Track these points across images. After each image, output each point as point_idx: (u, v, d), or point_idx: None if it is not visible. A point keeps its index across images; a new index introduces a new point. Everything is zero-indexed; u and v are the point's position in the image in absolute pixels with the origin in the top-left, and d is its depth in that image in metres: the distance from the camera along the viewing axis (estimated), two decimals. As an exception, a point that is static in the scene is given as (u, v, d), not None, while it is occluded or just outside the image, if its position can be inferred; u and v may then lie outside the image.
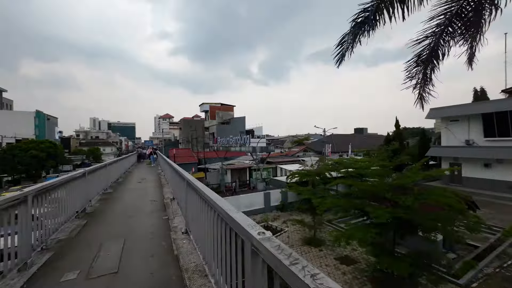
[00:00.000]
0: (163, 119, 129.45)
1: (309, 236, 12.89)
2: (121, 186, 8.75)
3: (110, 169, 8.47)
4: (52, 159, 38.18)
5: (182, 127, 54.34)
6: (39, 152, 35.14)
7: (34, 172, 35.73)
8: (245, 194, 17.09)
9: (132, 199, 6.63)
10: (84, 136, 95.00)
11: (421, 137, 28.72)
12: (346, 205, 8.24)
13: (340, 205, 8.42)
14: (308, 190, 12.51)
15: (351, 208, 8.29)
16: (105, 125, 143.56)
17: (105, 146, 79.83)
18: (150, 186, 8.74)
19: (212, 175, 32.66)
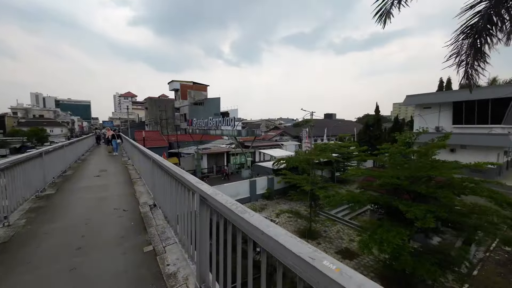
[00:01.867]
0: (125, 98, 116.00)
1: (304, 227, 11.94)
2: (69, 184, 6.15)
3: (49, 158, 5.77)
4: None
5: (148, 107, 48.52)
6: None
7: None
8: (230, 183, 15.33)
9: (85, 208, 4.31)
10: (24, 115, 79.58)
11: (394, 123, 29.96)
12: (365, 199, 7.11)
13: (359, 199, 7.25)
14: (304, 178, 11.28)
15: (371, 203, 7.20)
16: (52, 102, 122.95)
17: (53, 127, 68.20)
18: (113, 182, 6.31)
19: (186, 160, 29.82)
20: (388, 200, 6.85)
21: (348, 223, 12.42)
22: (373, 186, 8.30)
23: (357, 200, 7.30)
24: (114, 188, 5.63)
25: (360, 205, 7.50)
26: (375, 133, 24.02)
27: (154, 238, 3.05)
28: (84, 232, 3.24)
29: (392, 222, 6.56)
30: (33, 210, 4.08)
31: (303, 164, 13.80)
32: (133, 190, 5.43)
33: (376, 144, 25.74)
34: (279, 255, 0.95)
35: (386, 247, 5.76)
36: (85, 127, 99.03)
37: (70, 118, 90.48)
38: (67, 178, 6.67)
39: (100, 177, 6.88)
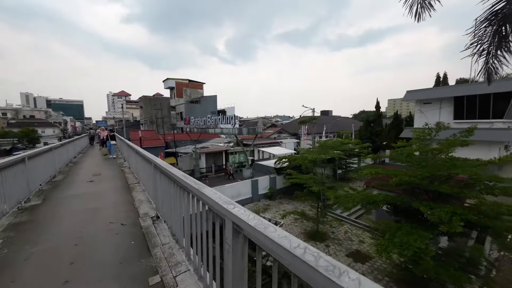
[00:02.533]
0: (118, 97, 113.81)
1: (311, 229, 11.48)
2: (58, 191, 5.49)
3: (34, 164, 5.10)
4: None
5: (143, 106, 47.33)
6: None
7: None
8: (231, 184, 14.74)
9: (75, 222, 3.69)
10: (14, 115, 77.08)
11: (394, 119, 29.73)
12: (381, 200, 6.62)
13: (375, 200, 6.76)
14: (310, 178, 10.78)
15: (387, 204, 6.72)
16: (43, 102, 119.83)
17: (45, 127, 66.29)
18: (109, 188, 5.67)
19: (184, 160, 29.09)
20: (407, 200, 6.39)
21: (355, 223, 12.01)
22: (387, 186, 7.83)
23: (372, 201, 6.83)
24: (110, 196, 5.00)
25: (375, 207, 7.04)
26: (376, 129, 23.68)
27: (160, 264, 2.48)
28: (73, 257, 2.63)
29: (411, 224, 6.11)
30: (13, 227, 3.45)
31: (307, 162, 13.29)
32: (131, 198, 4.82)
33: (378, 141, 25.51)
34: None
35: (407, 251, 5.30)
36: (78, 127, 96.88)
37: (63, 118, 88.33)
38: (56, 185, 5.99)
39: (94, 182, 6.22)
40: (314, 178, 10.78)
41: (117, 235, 3.17)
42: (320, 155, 11.25)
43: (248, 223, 1.27)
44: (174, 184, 2.76)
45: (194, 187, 1.98)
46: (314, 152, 11.51)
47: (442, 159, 6.95)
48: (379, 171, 7.25)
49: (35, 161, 5.25)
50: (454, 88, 24.21)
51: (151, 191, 4.29)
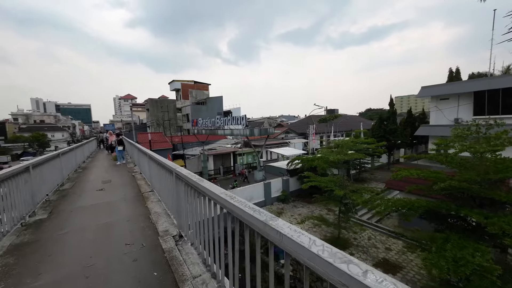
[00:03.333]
0: (125, 100, 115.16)
1: (331, 235, 10.78)
2: (65, 203, 4.99)
3: (39, 172, 4.63)
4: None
5: (149, 108, 47.41)
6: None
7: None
8: (244, 187, 14.16)
9: (85, 243, 3.15)
10: (25, 120, 78.83)
11: (407, 117, 28.61)
12: (422, 207, 5.87)
13: (414, 206, 6.02)
14: (331, 180, 10.09)
15: (430, 211, 5.98)
16: (52, 107, 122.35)
17: (54, 132, 67.43)
18: (120, 198, 5.15)
19: (191, 162, 28.73)
20: (454, 208, 5.64)
21: (378, 229, 11.24)
22: (423, 190, 7.01)
23: (410, 207, 6.08)
24: (122, 208, 4.47)
25: (413, 214, 6.28)
26: (390, 127, 22.69)
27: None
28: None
29: (459, 235, 5.36)
30: (13, 251, 2.93)
31: (323, 163, 12.58)
32: (146, 210, 4.27)
33: (392, 139, 24.48)
34: None
35: (464, 268, 4.56)
36: (86, 131, 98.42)
37: (71, 122, 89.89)
38: (63, 194, 5.51)
39: (104, 191, 5.72)
40: (335, 180, 10.08)
41: (135, 263, 2.60)
42: (343, 155, 10.52)
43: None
44: (204, 199, 2.19)
45: (241, 209, 1.39)
46: (336, 152, 10.78)
47: (491, 160, 6.15)
48: (419, 174, 6.46)
49: (41, 170, 4.78)
50: (474, 83, 22.98)
51: (170, 204, 3.72)
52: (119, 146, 10.10)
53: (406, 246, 9.67)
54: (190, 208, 2.63)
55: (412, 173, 6.44)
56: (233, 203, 1.60)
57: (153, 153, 4.73)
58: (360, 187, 9.67)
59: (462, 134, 7.00)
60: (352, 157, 10.37)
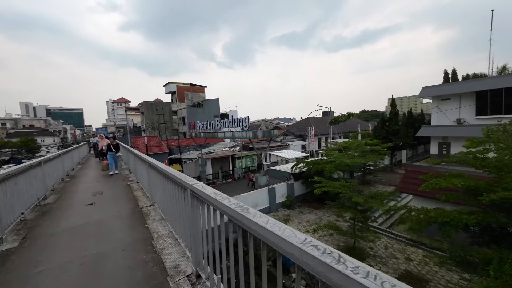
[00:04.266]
0: (118, 104, 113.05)
1: (344, 244, 10.01)
2: (45, 223, 4.08)
3: (12, 186, 3.71)
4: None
5: (144, 112, 46.16)
6: None
7: None
8: (248, 193, 13.30)
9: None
10: (13, 125, 76.16)
11: (408, 118, 28.33)
12: (469, 219, 5.11)
13: (458, 219, 5.25)
14: (343, 185, 9.35)
15: (477, 224, 5.24)
16: (43, 111, 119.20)
17: (45, 136, 65.20)
18: (114, 216, 4.25)
19: (189, 166, 27.69)
20: (504, 221, 4.91)
21: (393, 236, 10.53)
22: (462, 199, 6.11)
23: (451, 219, 5.32)
24: (116, 229, 3.58)
25: (457, 229, 5.49)
26: (393, 128, 22.26)
27: None
28: None
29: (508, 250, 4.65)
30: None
31: (334, 167, 11.87)
32: (146, 232, 3.40)
33: (395, 140, 24.07)
34: None
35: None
36: (78, 135, 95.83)
37: (62, 126, 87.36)
38: (44, 211, 4.57)
39: (94, 206, 4.81)
40: (347, 185, 9.34)
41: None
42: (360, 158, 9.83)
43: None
44: (249, 238, 1.39)
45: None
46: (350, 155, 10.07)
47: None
48: (455, 182, 5.62)
49: (15, 182, 3.86)
50: (476, 82, 22.83)
51: (179, 227, 2.88)
52: (112, 150, 8.49)
53: (427, 256, 8.98)
54: (214, 237, 1.81)
55: (455, 182, 5.51)
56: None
57: (155, 162, 3.87)
58: (378, 192, 8.96)
59: (499, 134, 6.34)
60: (369, 160, 9.69)
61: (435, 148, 25.26)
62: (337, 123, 14.24)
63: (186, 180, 2.29)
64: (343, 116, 12.57)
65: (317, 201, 15.51)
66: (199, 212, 2.17)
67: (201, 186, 2.02)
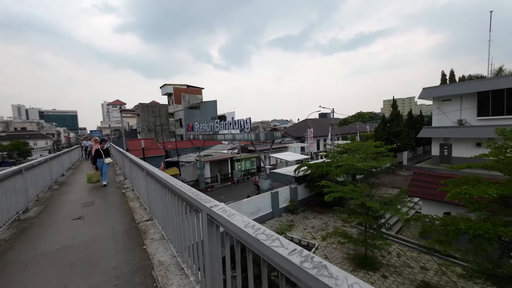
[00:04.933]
0: (113, 106, 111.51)
1: (355, 252, 9.45)
2: (24, 242, 3.44)
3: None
4: None
5: (140, 114, 45.21)
6: None
7: None
8: (250, 198, 12.67)
9: None
10: (4, 128, 74.15)
11: (408, 118, 28.14)
12: (505, 232, 4.59)
13: (491, 231, 4.73)
14: (353, 190, 8.81)
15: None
16: (36, 113, 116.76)
17: (37, 139, 63.62)
18: (106, 234, 3.61)
19: (187, 170, 26.93)
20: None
21: (404, 242, 10.02)
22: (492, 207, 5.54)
23: (485, 231, 4.77)
24: (108, 254, 2.94)
25: (491, 241, 4.96)
26: (395, 129, 21.94)
27: None
28: None
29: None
30: None
31: (340, 170, 11.35)
32: (145, 258, 2.78)
33: (397, 142, 23.78)
34: None
35: None
36: (72, 138, 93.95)
37: (56, 129, 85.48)
38: (23, 228, 3.90)
39: (83, 221, 4.15)
40: (358, 190, 8.81)
41: None
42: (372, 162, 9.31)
43: None
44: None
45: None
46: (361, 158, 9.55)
47: None
48: (489, 191, 5.02)
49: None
50: (477, 83, 22.69)
51: (186, 253, 2.27)
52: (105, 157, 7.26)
53: (443, 264, 8.48)
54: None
55: (489, 191, 4.89)
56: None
57: (155, 170, 3.26)
58: (392, 197, 8.44)
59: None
60: (382, 163, 9.18)
61: (436, 150, 25.06)
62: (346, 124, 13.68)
63: (201, 200, 1.69)
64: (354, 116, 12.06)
65: (321, 205, 14.98)
66: (218, 244, 1.59)
67: (225, 212, 1.43)
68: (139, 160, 4.44)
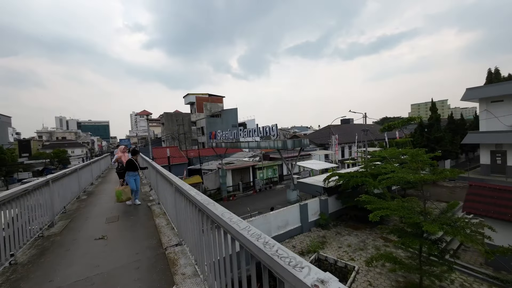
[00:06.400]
0: (140, 116, 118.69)
1: (405, 280, 8.02)
2: (38, 270, 3.01)
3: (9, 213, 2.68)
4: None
5: (165, 122, 47.00)
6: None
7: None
8: (276, 211, 11.77)
9: None
10: (48, 138, 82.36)
11: (448, 123, 25.29)
12: None
13: None
14: (402, 207, 7.51)
15: None
16: (74, 124, 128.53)
17: (74, 148, 69.40)
18: (128, 264, 3.05)
19: (209, 178, 26.80)
20: None
21: (467, 270, 8.31)
22: None
23: None
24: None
25: None
26: (435, 135, 19.65)
27: None
28: None
29: None
30: None
31: (379, 183, 10.03)
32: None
33: (438, 148, 21.29)
34: None
35: None
36: (104, 146, 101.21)
37: (90, 138, 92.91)
38: (43, 249, 3.50)
39: (106, 242, 3.67)
40: (408, 206, 7.50)
41: None
42: (426, 174, 8.00)
43: None
44: None
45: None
46: (411, 169, 8.25)
47: None
48: None
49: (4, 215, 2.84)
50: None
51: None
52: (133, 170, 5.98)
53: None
54: None
55: None
56: None
57: (186, 187, 2.64)
58: (457, 218, 6.99)
59: None
60: (441, 177, 7.76)
61: (486, 158, 21.95)
62: (390, 130, 12.30)
63: (265, 250, 0.97)
64: (401, 121, 10.67)
65: (355, 220, 13.54)
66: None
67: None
68: (168, 173, 3.91)
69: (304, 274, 0.88)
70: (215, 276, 1.94)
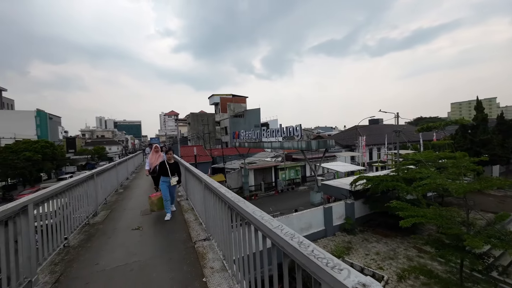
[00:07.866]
0: (169, 116, 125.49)
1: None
2: (86, 254, 3.36)
3: (57, 210, 3.08)
4: (50, 160, 33.96)
5: (191, 122, 49.13)
6: (32, 153, 30.63)
7: (29, 176, 31.24)
8: (300, 212, 11.59)
9: None
10: (90, 136, 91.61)
11: (498, 124, 22.40)
12: None
13: None
14: (439, 215, 6.85)
15: None
16: (111, 123, 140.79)
17: (111, 145, 76.09)
18: (161, 254, 3.26)
19: (232, 177, 27.38)
20: None
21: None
22: None
23: None
24: (165, 284, 2.50)
25: None
26: (481, 137, 17.53)
27: None
28: None
29: None
30: None
31: (414, 189, 9.27)
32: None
33: (485, 152, 19.04)
34: None
35: None
36: (136, 144, 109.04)
37: (125, 136, 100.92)
38: (90, 235, 3.91)
39: (141, 232, 3.98)
40: (446, 215, 6.81)
41: None
42: (470, 183, 7.25)
43: None
44: None
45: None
46: (451, 174, 7.52)
47: None
48: None
49: (61, 203, 3.25)
50: None
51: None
52: (169, 176, 4.90)
53: None
54: None
55: None
56: None
57: (217, 185, 2.74)
58: (510, 231, 6.19)
59: None
60: (491, 186, 6.89)
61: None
62: (429, 130, 11.31)
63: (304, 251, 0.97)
64: (447, 123, 9.75)
65: (384, 226, 12.71)
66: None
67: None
68: (197, 171, 4.10)
69: (344, 276, 0.87)
70: (244, 272, 1.99)
